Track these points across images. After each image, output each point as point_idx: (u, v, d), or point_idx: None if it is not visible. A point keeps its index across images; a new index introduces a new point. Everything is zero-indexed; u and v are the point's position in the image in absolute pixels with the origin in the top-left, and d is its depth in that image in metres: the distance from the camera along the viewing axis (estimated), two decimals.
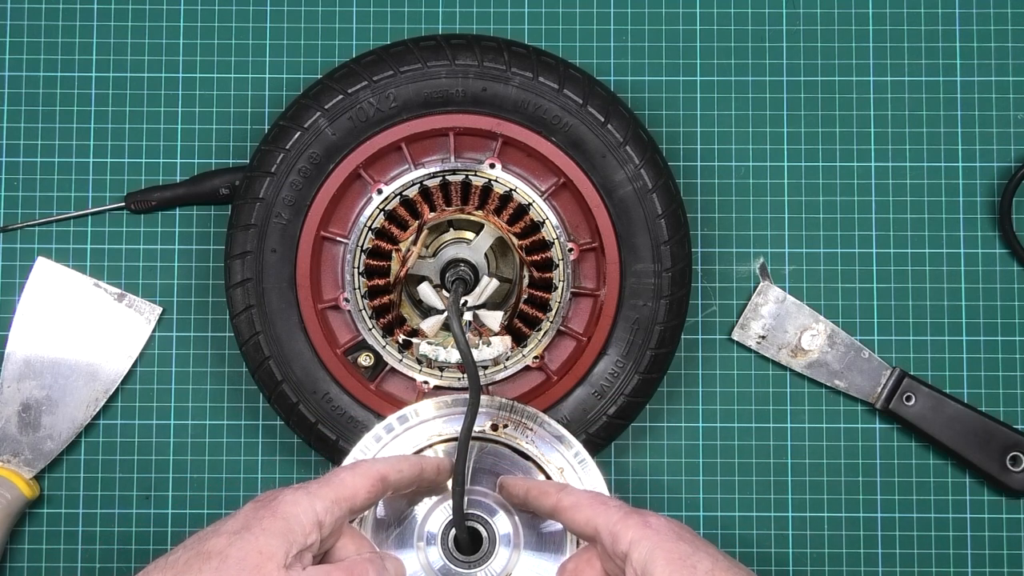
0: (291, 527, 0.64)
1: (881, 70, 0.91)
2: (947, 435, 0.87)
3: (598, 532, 0.69)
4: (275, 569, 0.63)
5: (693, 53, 0.91)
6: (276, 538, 0.64)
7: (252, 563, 0.63)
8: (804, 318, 0.89)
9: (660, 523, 0.68)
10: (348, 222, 0.85)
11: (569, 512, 0.71)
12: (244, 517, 0.65)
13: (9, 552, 0.87)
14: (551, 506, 0.72)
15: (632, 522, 0.68)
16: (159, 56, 0.91)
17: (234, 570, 0.63)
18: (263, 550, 0.63)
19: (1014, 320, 0.89)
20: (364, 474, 0.69)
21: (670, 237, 0.84)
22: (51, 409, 0.87)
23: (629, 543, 0.67)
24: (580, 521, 0.70)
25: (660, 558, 0.66)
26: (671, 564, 0.65)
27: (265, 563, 0.63)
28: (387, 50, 0.84)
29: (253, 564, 0.63)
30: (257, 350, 0.83)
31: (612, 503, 0.70)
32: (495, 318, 0.85)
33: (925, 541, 0.88)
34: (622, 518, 0.68)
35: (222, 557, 0.63)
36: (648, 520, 0.68)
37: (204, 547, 0.64)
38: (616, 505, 0.70)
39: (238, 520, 0.66)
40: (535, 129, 0.84)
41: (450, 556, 0.76)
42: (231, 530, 0.65)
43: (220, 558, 0.63)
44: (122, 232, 0.90)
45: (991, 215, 0.90)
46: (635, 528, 0.67)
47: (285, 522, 0.64)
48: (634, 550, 0.67)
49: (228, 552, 0.63)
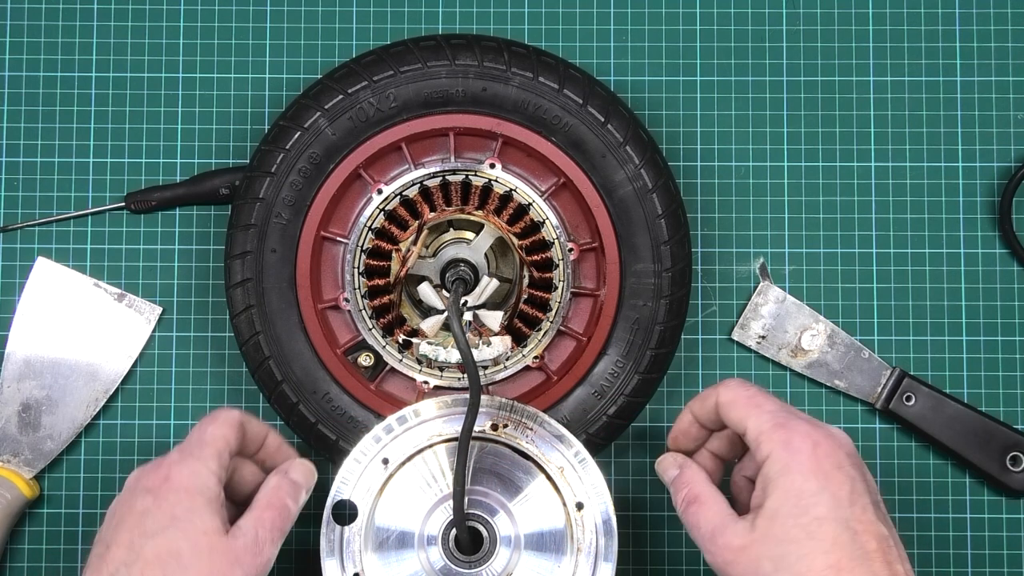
0: (207, 496, 0.68)
1: (881, 70, 0.91)
2: (947, 435, 0.87)
3: (747, 434, 0.70)
4: (224, 542, 0.67)
5: (693, 53, 0.91)
6: (207, 514, 0.67)
7: (204, 545, 0.67)
8: (804, 318, 0.89)
9: (804, 446, 0.67)
10: (348, 222, 0.85)
11: (724, 409, 0.72)
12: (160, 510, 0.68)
13: (9, 552, 0.87)
14: (713, 405, 0.73)
15: (777, 437, 0.68)
16: (159, 56, 0.91)
17: (196, 562, 0.66)
18: (206, 529, 0.67)
19: (1014, 320, 0.89)
20: (226, 422, 0.73)
21: (670, 237, 0.84)
22: (51, 409, 0.87)
23: (766, 457, 0.68)
24: (734, 419, 0.71)
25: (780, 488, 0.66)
26: (787, 499, 0.66)
27: (214, 539, 0.67)
28: (387, 50, 0.84)
29: (206, 546, 0.67)
30: (257, 350, 0.83)
31: (767, 405, 0.70)
32: (495, 318, 0.85)
33: (925, 541, 0.88)
34: (769, 430, 0.68)
35: (175, 554, 0.66)
36: (792, 440, 0.67)
37: (146, 554, 0.66)
38: (770, 410, 0.70)
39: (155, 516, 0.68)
40: (535, 129, 0.84)
41: (451, 556, 0.76)
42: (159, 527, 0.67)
43: (174, 557, 0.66)
44: (122, 232, 0.90)
45: (991, 215, 0.90)
46: (777, 446, 0.68)
47: (201, 495, 0.68)
48: (767, 466, 0.68)
49: (177, 548, 0.66)
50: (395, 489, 0.77)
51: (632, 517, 0.88)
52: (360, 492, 0.77)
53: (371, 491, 0.77)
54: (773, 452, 0.68)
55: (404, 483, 0.78)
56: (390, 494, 0.77)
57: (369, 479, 0.77)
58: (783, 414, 0.69)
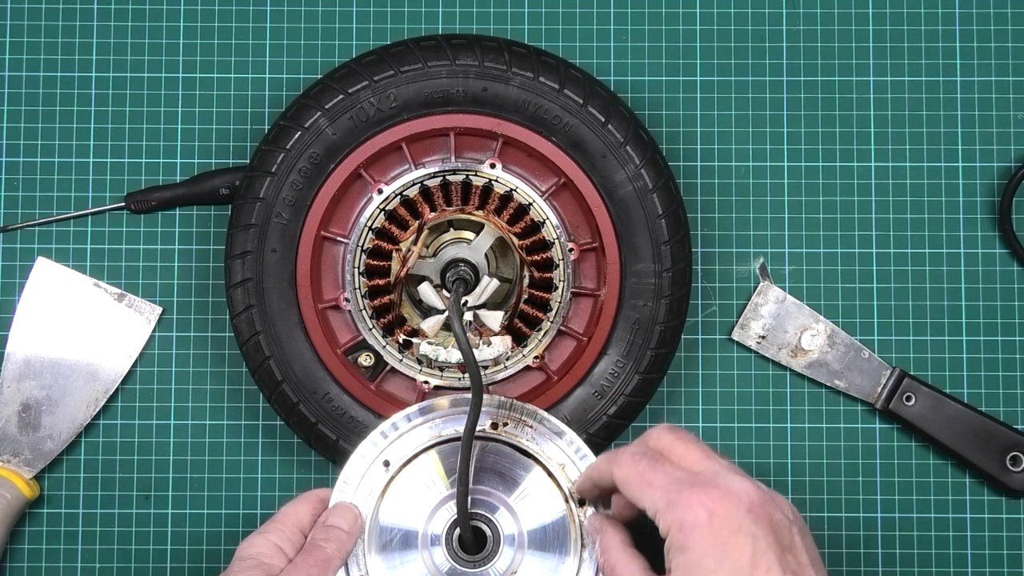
0: (258, 559, 0.71)
1: (881, 70, 0.91)
2: (947, 435, 0.87)
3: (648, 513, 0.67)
4: None
5: (693, 53, 0.91)
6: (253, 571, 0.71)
7: None
8: (804, 318, 0.89)
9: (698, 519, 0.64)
10: (348, 222, 0.85)
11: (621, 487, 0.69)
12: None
13: (9, 552, 0.87)
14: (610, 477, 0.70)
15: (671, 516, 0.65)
16: (159, 56, 0.91)
17: None
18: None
19: (1014, 320, 0.89)
20: (304, 500, 0.76)
21: (670, 237, 0.84)
22: (51, 409, 0.87)
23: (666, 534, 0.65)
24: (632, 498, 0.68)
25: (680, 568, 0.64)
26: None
27: None
28: (387, 50, 0.84)
29: None
30: (257, 350, 0.83)
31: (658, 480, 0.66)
32: (495, 318, 0.85)
33: (925, 541, 0.88)
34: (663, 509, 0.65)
35: None
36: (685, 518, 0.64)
37: None
38: (661, 485, 0.66)
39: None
40: (535, 129, 0.84)
41: (455, 556, 0.76)
42: None
43: None
44: (122, 232, 0.89)
45: (991, 215, 0.90)
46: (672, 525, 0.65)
47: (253, 560, 0.72)
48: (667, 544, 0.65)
49: None
50: (397, 490, 0.77)
51: None
52: (362, 495, 0.77)
53: (373, 493, 0.77)
54: (670, 531, 0.65)
55: (406, 484, 0.78)
56: (392, 496, 0.77)
57: (371, 481, 0.77)
58: (675, 487, 0.66)
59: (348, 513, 0.76)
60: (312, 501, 0.76)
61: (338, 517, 0.75)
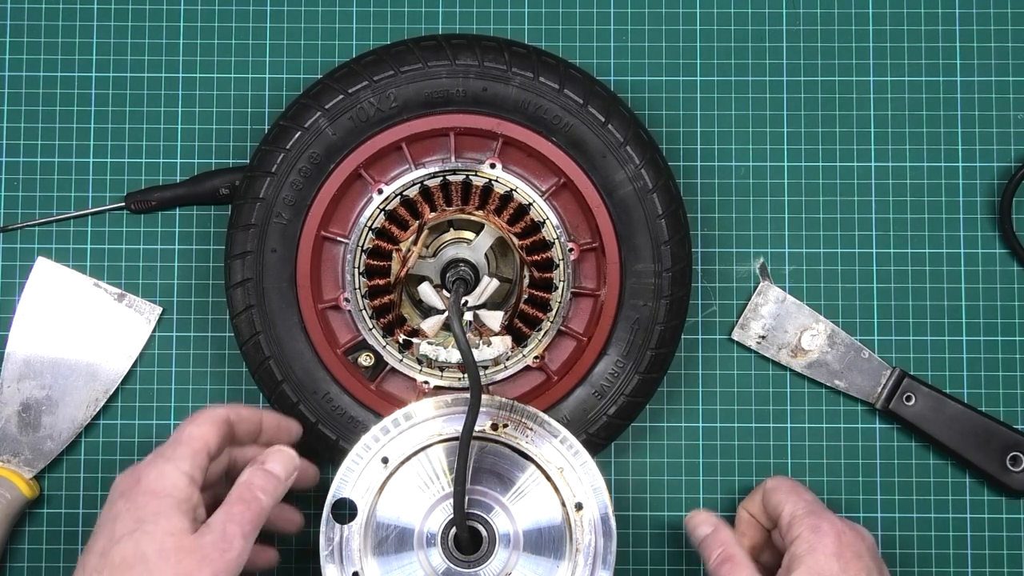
0: (176, 497, 0.68)
1: (881, 70, 0.91)
2: (947, 435, 0.87)
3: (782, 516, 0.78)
4: (191, 540, 0.67)
5: (693, 53, 0.91)
6: (174, 515, 0.67)
7: (171, 547, 0.66)
8: (804, 318, 0.89)
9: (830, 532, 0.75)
10: (348, 222, 0.85)
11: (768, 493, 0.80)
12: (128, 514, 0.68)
13: (9, 552, 0.87)
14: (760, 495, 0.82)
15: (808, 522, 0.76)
16: (159, 56, 0.91)
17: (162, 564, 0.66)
18: (172, 530, 0.67)
19: (1014, 320, 0.89)
20: (207, 420, 0.73)
21: (670, 237, 0.84)
22: (51, 409, 0.87)
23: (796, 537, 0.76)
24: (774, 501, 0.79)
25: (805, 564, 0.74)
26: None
27: (181, 539, 0.67)
28: (387, 50, 0.84)
29: (172, 547, 0.66)
30: (257, 350, 0.83)
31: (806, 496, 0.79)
32: (495, 318, 0.85)
33: (925, 541, 0.88)
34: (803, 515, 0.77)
35: (141, 558, 0.66)
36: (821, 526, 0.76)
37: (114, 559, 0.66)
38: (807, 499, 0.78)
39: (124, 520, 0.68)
40: (535, 129, 0.84)
41: (450, 556, 0.76)
42: (126, 531, 0.67)
43: (141, 561, 0.66)
44: (122, 232, 0.90)
45: (991, 215, 0.90)
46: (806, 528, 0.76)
47: (169, 497, 0.67)
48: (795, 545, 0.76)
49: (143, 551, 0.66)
50: (395, 488, 0.77)
51: (632, 517, 0.88)
52: (360, 491, 0.77)
53: (371, 490, 0.77)
54: (802, 533, 0.75)
55: (404, 482, 0.78)
56: (390, 493, 0.77)
57: (369, 478, 0.77)
58: (817, 505, 0.78)
59: (287, 459, 0.74)
60: (216, 423, 0.73)
61: (277, 464, 0.73)
